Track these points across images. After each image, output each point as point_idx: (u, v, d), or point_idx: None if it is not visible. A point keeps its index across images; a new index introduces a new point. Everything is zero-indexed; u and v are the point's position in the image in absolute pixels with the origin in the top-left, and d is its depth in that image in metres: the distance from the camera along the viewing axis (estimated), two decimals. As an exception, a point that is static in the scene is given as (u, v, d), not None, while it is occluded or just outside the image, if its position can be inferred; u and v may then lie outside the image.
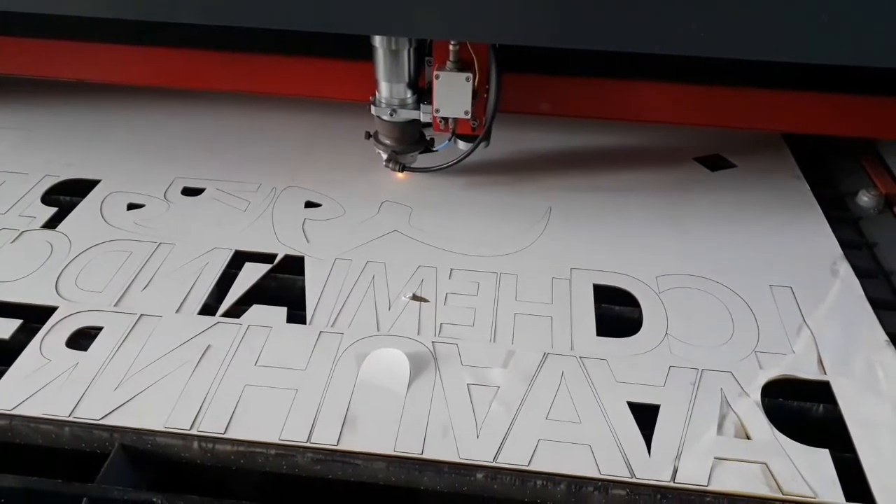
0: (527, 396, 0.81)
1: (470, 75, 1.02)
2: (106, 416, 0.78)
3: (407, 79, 1.06)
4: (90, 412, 0.78)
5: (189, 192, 1.15)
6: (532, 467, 0.74)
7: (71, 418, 0.77)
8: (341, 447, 0.75)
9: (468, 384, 0.82)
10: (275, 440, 0.76)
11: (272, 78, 1.25)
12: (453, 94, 1.04)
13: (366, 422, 0.78)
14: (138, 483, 0.76)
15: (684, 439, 0.77)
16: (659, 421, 0.79)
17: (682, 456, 0.75)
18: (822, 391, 0.84)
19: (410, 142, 1.13)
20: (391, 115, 1.08)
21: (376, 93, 1.09)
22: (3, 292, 0.93)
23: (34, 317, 0.90)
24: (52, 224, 1.07)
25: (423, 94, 1.08)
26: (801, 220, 1.11)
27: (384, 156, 1.14)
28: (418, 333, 0.89)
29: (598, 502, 0.73)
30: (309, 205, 1.12)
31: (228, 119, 1.35)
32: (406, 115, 1.09)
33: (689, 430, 0.78)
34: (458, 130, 1.09)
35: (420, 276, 0.98)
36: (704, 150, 1.29)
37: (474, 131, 1.09)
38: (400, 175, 1.16)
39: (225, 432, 0.76)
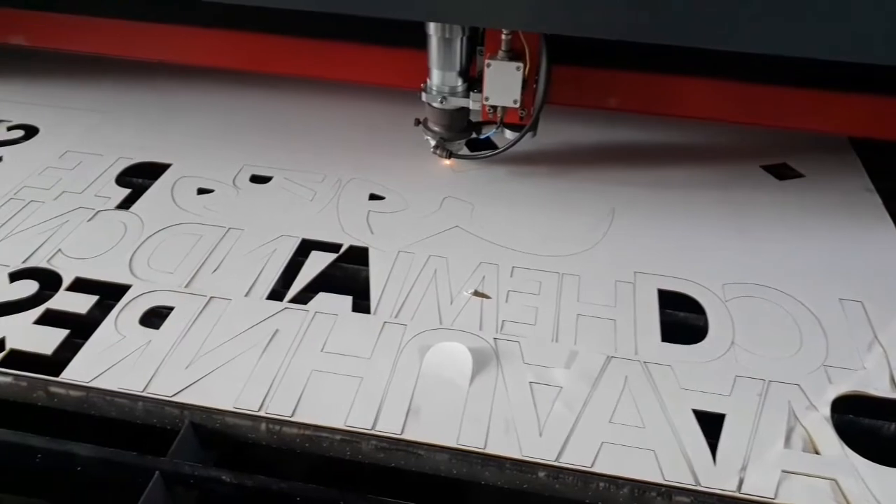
0: (590, 398, 0.81)
1: (521, 65, 1.04)
2: (177, 393, 0.80)
3: (458, 67, 1.08)
4: (162, 389, 0.80)
5: (257, 179, 1.17)
6: (595, 469, 0.74)
7: (144, 393, 0.80)
8: (405, 436, 0.76)
9: (530, 382, 0.82)
10: (340, 426, 0.77)
11: (336, 64, 1.28)
12: (503, 83, 1.05)
13: (429, 413, 0.79)
14: (204, 460, 0.79)
15: (751, 450, 0.76)
16: (724, 430, 0.78)
17: (749, 467, 0.74)
18: (894, 410, 0.82)
19: (458, 129, 1.14)
20: (441, 102, 1.09)
21: (427, 80, 1.11)
22: (80, 268, 0.97)
23: (109, 293, 0.93)
24: (125, 205, 1.10)
25: (473, 82, 1.10)
26: (872, 235, 1.09)
27: (432, 142, 1.16)
28: (480, 329, 0.89)
29: (661, 508, 0.73)
30: (373, 197, 1.14)
31: (293, 105, 1.38)
32: (456, 102, 1.10)
33: (755, 440, 0.77)
34: (505, 119, 1.09)
35: (481, 272, 0.99)
36: (771, 158, 1.27)
37: (522, 120, 1.10)
38: (446, 162, 1.18)
39: (292, 415, 0.78)
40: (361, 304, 0.93)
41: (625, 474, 0.73)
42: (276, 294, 0.94)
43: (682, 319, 0.93)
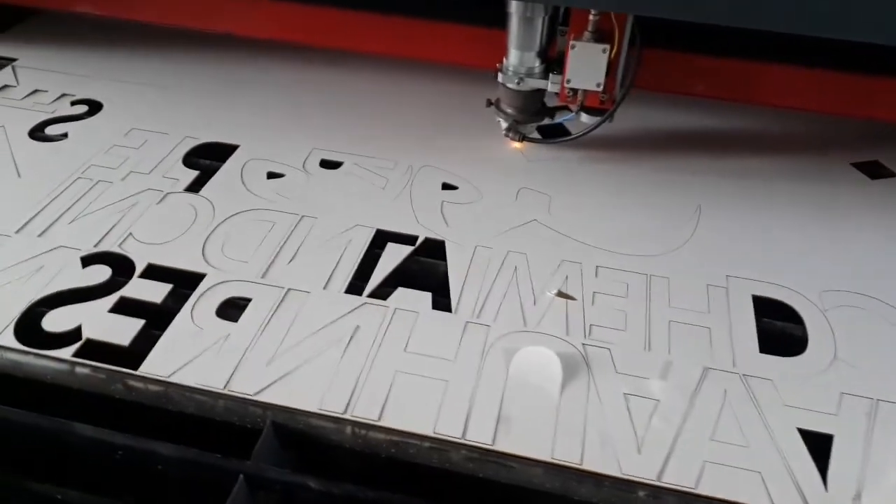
0: (689, 413, 0.77)
1: (607, 47, 0.98)
2: (260, 391, 0.77)
3: (537, 47, 1.03)
4: (244, 386, 0.78)
5: (327, 164, 1.13)
6: (699, 490, 0.70)
7: (226, 391, 0.78)
8: (497, 447, 0.73)
9: (625, 394, 0.79)
10: (429, 432, 0.74)
11: (405, 40, 1.23)
12: (587, 66, 1.00)
13: (520, 423, 0.75)
14: (284, 463, 0.76)
15: (864, 476, 0.72)
16: (833, 452, 0.74)
17: (863, 494, 0.70)
18: None
19: (532, 112, 1.09)
20: (518, 83, 1.04)
21: (504, 60, 1.06)
22: (152, 254, 0.94)
23: (183, 282, 0.90)
24: (194, 188, 1.07)
25: (550, 63, 1.05)
26: (977, 243, 1.02)
27: (503, 124, 1.11)
28: (567, 333, 0.85)
29: (767, 534, 0.69)
30: (446, 187, 1.10)
31: (359, 84, 1.34)
32: (533, 84, 1.05)
33: (868, 465, 0.73)
34: (586, 103, 1.04)
35: (564, 271, 0.95)
36: (861, 155, 1.20)
37: (602, 105, 1.04)
38: (517, 145, 1.14)
39: (378, 419, 0.75)
40: (441, 302, 0.89)
41: (731, 497, 0.70)
42: (355, 287, 0.91)
43: (779, 329, 0.88)
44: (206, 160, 1.14)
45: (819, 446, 0.74)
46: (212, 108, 1.26)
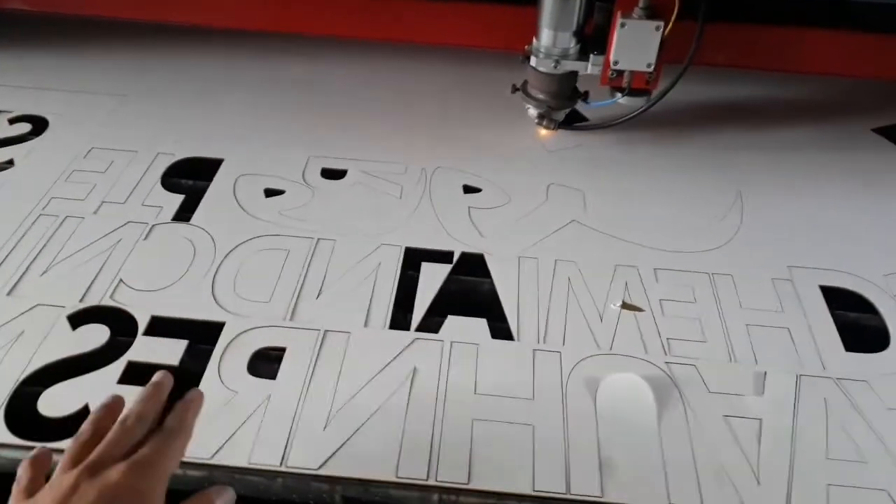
0: (796, 430, 0.71)
1: (661, 24, 0.88)
2: (323, 464, 0.67)
3: (574, 26, 0.92)
4: (303, 459, 0.67)
5: (330, 174, 1.00)
6: (830, 520, 0.65)
7: (284, 468, 0.66)
8: (607, 499, 0.65)
9: (725, 416, 0.72)
10: (529, 490, 0.65)
11: (405, 24, 1.09)
12: (638, 45, 0.90)
13: (625, 466, 0.67)
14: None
15: None
16: (951, 458, 0.70)
17: None
18: None
19: (566, 96, 0.99)
20: (555, 66, 0.94)
21: (535, 41, 0.95)
22: (154, 304, 0.80)
23: (200, 335, 0.77)
24: (183, 215, 0.93)
25: (586, 42, 0.95)
26: None
27: (533, 112, 1.02)
28: (646, 352, 0.78)
29: (903, 558, 0.65)
30: (468, 190, 0.99)
31: (351, 78, 1.20)
32: (570, 66, 0.95)
33: None
34: (633, 85, 0.95)
35: (621, 277, 0.87)
36: (877, 118, 1.17)
37: (648, 85, 0.96)
38: (543, 132, 1.04)
39: (468, 482, 0.66)
40: (500, 328, 0.80)
41: (865, 524, 0.65)
42: (399, 321, 0.80)
43: (854, 321, 0.83)
44: (189, 180, 0.99)
45: (933, 451, 0.70)
46: (184, 117, 1.10)
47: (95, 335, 0.77)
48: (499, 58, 1.06)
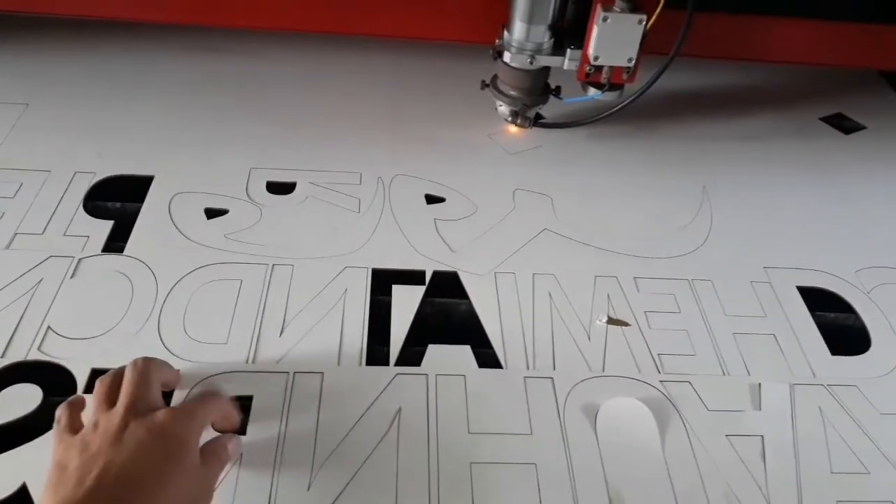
0: (797, 444, 0.69)
1: (644, 17, 0.84)
2: (315, 530, 0.59)
3: (550, 20, 0.87)
4: (289, 526, 0.59)
5: (277, 188, 0.91)
6: (844, 539, 0.63)
7: (269, 539, 0.59)
8: (622, 538, 0.61)
9: (727, 435, 0.69)
10: (540, 539, 0.61)
11: (350, 15, 0.99)
12: (620, 39, 0.85)
13: (635, 498, 0.64)
14: None
15: (983, 480, 0.68)
16: (946, 460, 0.70)
17: None
18: None
19: (539, 92, 0.94)
20: (530, 62, 0.88)
21: (506, 35, 0.89)
22: (91, 355, 0.70)
23: (150, 387, 0.68)
24: (115, 245, 0.81)
25: (561, 36, 0.89)
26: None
27: (505, 109, 0.96)
28: (639, 371, 0.74)
29: (913, 569, 0.64)
30: (431, 200, 0.92)
31: (291, 77, 1.10)
32: (545, 61, 0.89)
33: (980, 466, 0.69)
34: (611, 79, 0.90)
35: (602, 289, 0.83)
36: (823, 107, 1.18)
37: (625, 80, 0.91)
38: (512, 129, 1.00)
39: (475, 535, 0.60)
40: (485, 355, 0.74)
41: (877, 540, 0.64)
42: (376, 355, 0.73)
43: (833, 321, 0.83)
44: (116, 202, 0.87)
45: (926, 454, 0.70)
46: (100, 128, 0.97)
47: (25, 397, 0.66)
48: (451, 50, 0.99)
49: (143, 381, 0.57)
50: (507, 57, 0.88)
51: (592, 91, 0.92)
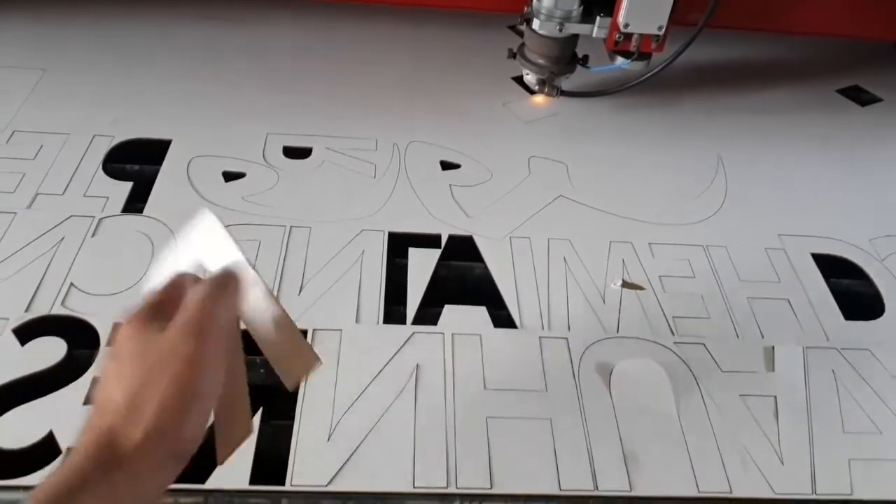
0: (811, 406, 0.70)
1: None
2: (332, 479, 0.60)
3: None
4: (309, 476, 0.60)
5: (294, 153, 0.92)
6: (856, 496, 0.64)
7: (289, 487, 0.60)
8: (636, 493, 0.62)
9: (741, 395, 0.70)
10: (555, 491, 0.62)
11: None
12: (649, 7, 0.86)
13: (650, 458, 0.64)
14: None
15: None
16: (958, 422, 0.70)
17: None
18: None
19: (567, 61, 0.94)
20: (560, 29, 0.88)
21: (535, 2, 0.90)
22: (115, 309, 0.71)
23: (171, 342, 0.69)
24: (135, 206, 0.82)
25: (590, 3, 0.89)
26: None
27: (532, 78, 0.97)
28: (653, 333, 0.75)
29: (923, 525, 0.65)
30: (446, 166, 0.93)
31: (302, 42, 1.11)
32: (575, 29, 0.89)
33: None
34: (641, 48, 0.90)
35: (617, 254, 0.83)
36: (840, 79, 1.17)
37: (654, 49, 0.91)
38: (538, 100, 0.99)
39: (491, 487, 0.61)
40: (501, 316, 0.75)
41: (889, 496, 0.64)
42: (393, 314, 0.74)
43: (847, 288, 0.83)
44: (135, 165, 0.88)
45: (938, 416, 0.71)
46: (119, 93, 0.98)
47: (50, 350, 0.67)
48: (467, 21, 0.99)
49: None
50: (535, 24, 0.88)
51: (620, 60, 0.93)
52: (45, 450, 0.60)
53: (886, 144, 1.05)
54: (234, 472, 0.60)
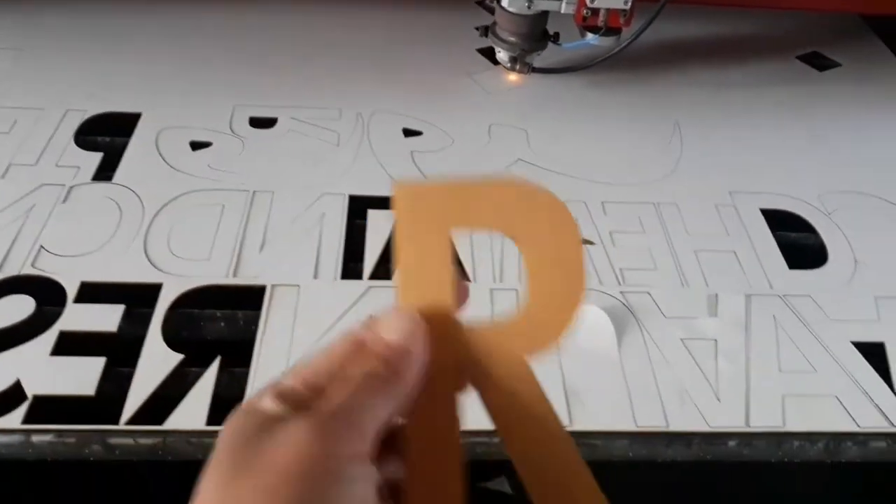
0: (749, 347, 0.73)
1: None
2: (285, 419, 0.64)
3: None
4: (263, 416, 0.64)
5: (259, 123, 0.95)
6: (788, 428, 0.67)
7: (244, 427, 0.63)
8: (576, 427, 0.65)
9: (682, 339, 0.73)
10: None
11: None
12: None
13: (591, 395, 0.68)
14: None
15: (924, 377, 0.72)
16: (890, 360, 0.73)
17: (932, 396, 0.70)
18: None
19: (538, 38, 0.97)
20: (528, 6, 0.91)
21: None
22: (82, 269, 0.74)
23: (137, 299, 0.72)
24: (104, 174, 0.86)
25: None
26: (927, 122, 1.05)
27: (504, 56, 0.99)
28: (601, 283, 0.78)
29: (854, 456, 0.68)
30: (408, 133, 0.96)
31: (274, 28, 1.13)
32: (544, 5, 0.92)
33: (924, 364, 0.73)
34: (609, 23, 0.93)
35: (571, 212, 0.86)
36: (799, 46, 1.20)
37: (623, 24, 0.94)
38: (513, 77, 1.02)
39: (437, 425, 0.64)
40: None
41: (818, 428, 0.67)
42: (350, 271, 0.77)
43: (794, 240, 0.86)
44: (106, 137, 0.91)
45: (875, 356, 0.73)
46: (91, 70, 1.01)
47: (19, 306, 0.70)
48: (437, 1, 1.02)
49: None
50: (505, 2, 0.91)
51: (590, 36, 0.95)
52: (13, 396, 0.63)
53: (842, 106, 1.07)
54: (191, 414, 0.63)
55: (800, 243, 0.86)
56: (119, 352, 0.67)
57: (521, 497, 0.68)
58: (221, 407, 0.64)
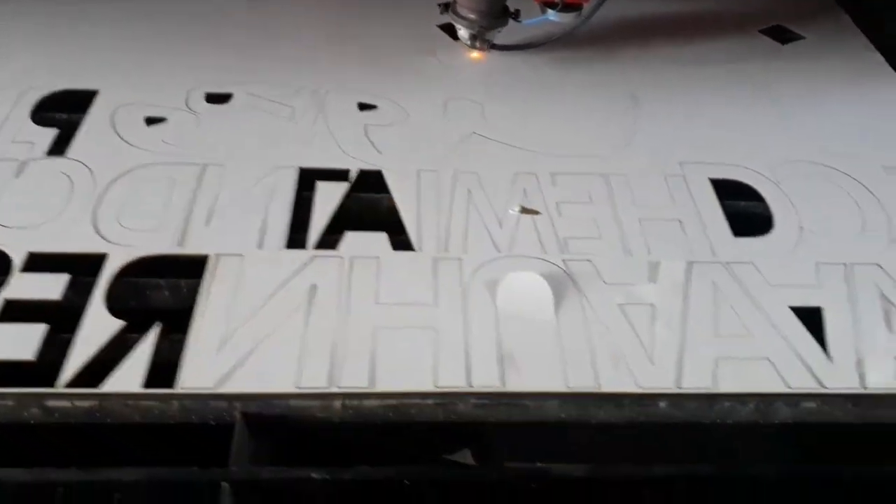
0: (687, 312, 0.74)
1: None
2: (221, 382, 0.65)
3: None
4: (198, 380, 0.65)
5: (215, 98, 0.96)
6: (720, 389, 0.68)
7: (179, 390, 0.64)
8: (508, 389, 0.66)
9: (619, 304, 0.74)
10: (431, 388, 0.66)
11: None
12: None
13: (525, 358, 0.68)
14: (260, 456, 0.65)
15: (858, 341, 0.72)
16: (827, 324, 0.74)
17: (865, 360, 0.71)
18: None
19: (497, 15, 0.97)
20: None
21: None
22: (30, 240, 0.75)
23: (82, 268, 0.73)
24: (58, 149, 0.87)
25: None
26: (888, 95, 1.05)
27: (465, 33, 1.00)
28: (544, 251, 0.79)
29: (786, 416, 0.68)
30: (363, 107, 0.97)
31: (233, 7, 1.14)
32: None
33: (859, 330, 0.73)
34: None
35: (520, 184, 0.87)
36: (763, 21, 1.20)
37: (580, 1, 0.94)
38: (475, 55, 1.02)
39: (370, 385, 0.66)
40: (400, 241, 0.79)
41: (749, 389, 0.68)
42: (296, 241, 0.78)
43: (743, 209, 0.86)
44: (62, 114, 0.92)
45: (812, 320, 0.74)
46: (48, 48, 1.03)
47: (-35, 276, 0.72)
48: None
49: None
50: None
51: (550, 12, 0.96)
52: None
53: (802, 78, 1.07)
54: (128, 378, 0.64)
55: (748, 212, 0.86)
56: (62, 319, 0.68)
57: (482, 468, 0.70)
58: (158, 371, 0.65)
